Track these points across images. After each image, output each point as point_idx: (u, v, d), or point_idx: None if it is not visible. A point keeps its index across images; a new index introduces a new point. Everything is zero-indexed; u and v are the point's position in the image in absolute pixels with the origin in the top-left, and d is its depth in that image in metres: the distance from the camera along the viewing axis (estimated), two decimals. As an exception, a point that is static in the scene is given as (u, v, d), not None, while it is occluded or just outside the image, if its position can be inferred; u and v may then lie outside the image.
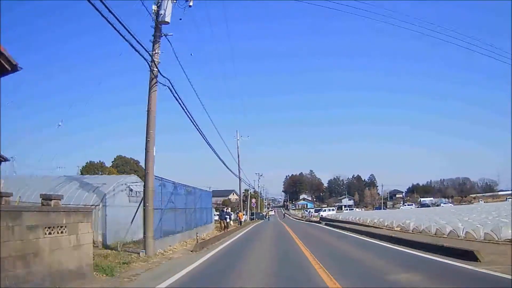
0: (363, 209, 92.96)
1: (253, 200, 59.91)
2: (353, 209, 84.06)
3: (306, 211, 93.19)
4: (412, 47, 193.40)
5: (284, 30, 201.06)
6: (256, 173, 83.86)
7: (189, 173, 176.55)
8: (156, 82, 12.67)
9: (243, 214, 51.07)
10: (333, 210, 72.70)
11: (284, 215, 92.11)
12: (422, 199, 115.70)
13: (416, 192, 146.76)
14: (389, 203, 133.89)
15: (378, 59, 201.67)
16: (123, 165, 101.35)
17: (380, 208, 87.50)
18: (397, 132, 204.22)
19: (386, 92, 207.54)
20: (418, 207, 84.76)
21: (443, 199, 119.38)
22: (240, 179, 37.15)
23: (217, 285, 8.01)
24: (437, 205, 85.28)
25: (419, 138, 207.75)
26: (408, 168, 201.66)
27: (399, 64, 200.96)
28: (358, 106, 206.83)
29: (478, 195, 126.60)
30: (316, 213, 69.80)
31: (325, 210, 70.42)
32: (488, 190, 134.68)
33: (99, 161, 70.39)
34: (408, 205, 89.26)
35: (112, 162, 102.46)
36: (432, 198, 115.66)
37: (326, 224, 35.51)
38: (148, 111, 12.90)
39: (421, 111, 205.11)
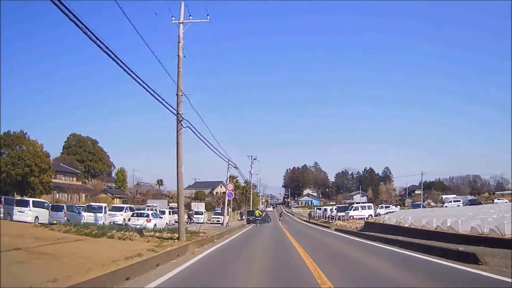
0: (398, 207, 70.79)
1: (230, 186, 34.72)
2: (389, 207, 61.51)
3: (319, 209, 70.16)
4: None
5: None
6: (248, 156, 59.68)
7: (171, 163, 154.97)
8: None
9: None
10: (368, 208, 48.72)
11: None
12: (444, 196, 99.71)
13: (434, 189, 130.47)
14: (408, 200, 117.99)
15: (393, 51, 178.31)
16: (77, 145, 79.88)
17: (419, 206, 65.92)
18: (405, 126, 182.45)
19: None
20: (466, 204, 64.01)
21: (468, 196, 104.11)
22: (177, 115, 14.31)
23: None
24: (492, 202, 65.86)
25: (423, 134, 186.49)
26: (415, 164, 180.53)
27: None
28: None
29: (502, 192, 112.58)
30: (341, 213, 46.75)
31: (356, 209, 47.01)
32: (501, 188, 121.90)
33: (21, 130, 48.22)
34: (454, 201, 67.75)
35: (65, 141, 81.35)
36: (455, 195, 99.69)
37: None
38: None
39: (428, 106, 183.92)
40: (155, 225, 21.84)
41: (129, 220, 22.20)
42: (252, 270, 9.24)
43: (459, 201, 67.66)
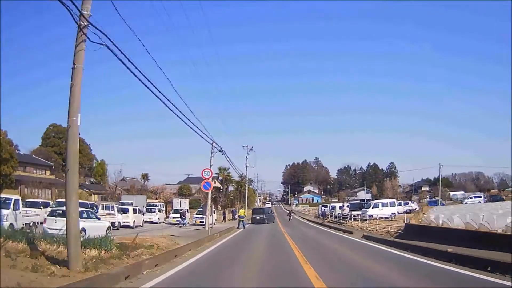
0: (415, 203, 64.06)
1: (207, 173, 22.24)
2: (408, 204, 54.70)
3: (325, 206, 62.09)
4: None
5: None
6: (243, 146, 52.01)
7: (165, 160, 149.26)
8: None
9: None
10: (391, 205, 38.96)
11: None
12: (452, 193, 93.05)
13: (439, 185, 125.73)
14: (415, 197, 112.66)
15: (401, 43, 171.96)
16: (56, 136, 73.21)
17: (437, 204, 59.50)
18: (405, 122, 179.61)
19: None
20: (488, 200, 58.08)
21: (477, 193, 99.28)
22: (80, 16, 7.82)
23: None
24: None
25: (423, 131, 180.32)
26: (419, 161, 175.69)
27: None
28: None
29: (507, 189, 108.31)
30: (356, 212, 37.55)
31: (376, 206, 37.60)
32: (504, 185, 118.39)
33: (-20, 119, 41.29)
34: (475, 197, 61.73)
35: (44, 132, 74.45)
36: (463, 192, 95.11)
37: None
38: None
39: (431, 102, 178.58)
40: (83, 229, 13.81)
41: (44, 221, 15.13)
42: None
43: (480, 197, 61.89)
